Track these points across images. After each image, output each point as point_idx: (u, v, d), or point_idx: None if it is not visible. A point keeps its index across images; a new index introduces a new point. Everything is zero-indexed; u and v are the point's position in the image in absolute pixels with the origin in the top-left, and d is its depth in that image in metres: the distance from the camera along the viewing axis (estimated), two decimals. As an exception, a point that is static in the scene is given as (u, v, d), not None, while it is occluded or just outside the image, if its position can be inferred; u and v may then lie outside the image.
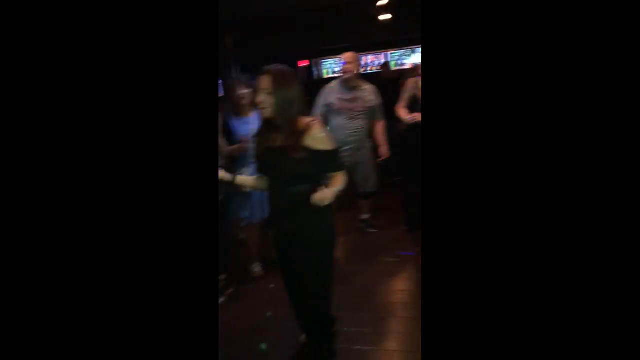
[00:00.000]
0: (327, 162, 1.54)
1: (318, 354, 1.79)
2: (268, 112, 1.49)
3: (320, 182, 1.53)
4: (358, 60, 2.90)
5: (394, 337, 2.01)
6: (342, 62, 2.84)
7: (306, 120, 1.52)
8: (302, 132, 1.49)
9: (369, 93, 2.87)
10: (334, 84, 2.92)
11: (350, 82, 2.81)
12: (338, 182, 1.54)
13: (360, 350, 1.90)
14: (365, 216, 3.30)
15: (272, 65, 1.52)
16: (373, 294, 2.40)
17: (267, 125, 1.56)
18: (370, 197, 3.19)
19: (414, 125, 2.53)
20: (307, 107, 2.49)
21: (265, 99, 1.47)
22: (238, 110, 2.53)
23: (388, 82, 4.53)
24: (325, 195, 1.42)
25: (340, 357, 1.83)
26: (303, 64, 9.75)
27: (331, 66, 9.03)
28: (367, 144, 2.98)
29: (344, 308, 2.25)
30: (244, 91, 2.50)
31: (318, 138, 1.50)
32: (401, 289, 2.45)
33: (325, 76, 8.90)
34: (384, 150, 2.93)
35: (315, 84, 5.04)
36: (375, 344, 1.95)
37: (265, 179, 1.63)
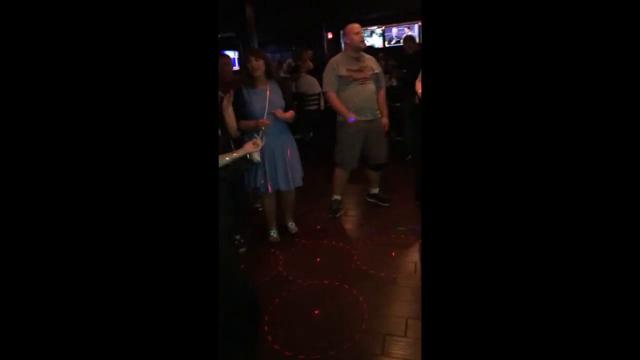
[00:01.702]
0: None
1: None
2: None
3: None
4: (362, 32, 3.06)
5: (394, 304, 2.12)
6: (351, 34, 2.91)
7: None
8: None
9: (371, 61, 3.02)
10: (338, 57, 2.99)
11: (355, 52, 2.93)
12: None
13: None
14: (374, 190, 3.36)
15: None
16: (380, 264, 2.48)
17: None
18: (380, 169, 3.24)
19: None
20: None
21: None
22: (253, 81, 2.51)
23: (411, 56, 4.41)
24: None
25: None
26: (330, 36, 9.67)
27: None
28: (378, 115, 3.02)
29: (351, 276, 2.38)
30: (258, 62, 2.45)
31: None
32: (411, 260, 2.53)
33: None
34: (386, 121, 3.04)
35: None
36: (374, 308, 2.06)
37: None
